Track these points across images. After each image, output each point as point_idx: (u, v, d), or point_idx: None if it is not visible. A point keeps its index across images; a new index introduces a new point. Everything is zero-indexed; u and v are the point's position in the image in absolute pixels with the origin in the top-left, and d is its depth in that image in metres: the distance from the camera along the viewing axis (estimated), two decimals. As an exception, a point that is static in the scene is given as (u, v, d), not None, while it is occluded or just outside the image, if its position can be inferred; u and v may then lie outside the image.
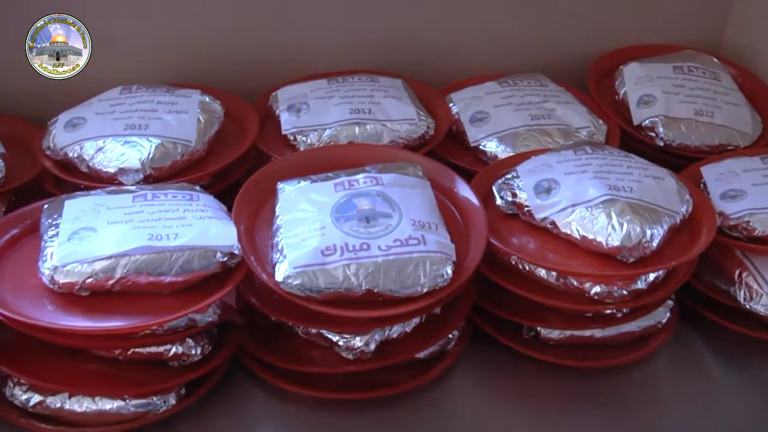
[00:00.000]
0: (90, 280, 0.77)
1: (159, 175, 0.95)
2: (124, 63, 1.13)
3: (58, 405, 0.78)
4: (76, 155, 0.97)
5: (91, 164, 0.96)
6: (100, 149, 0.96)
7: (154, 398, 0.80)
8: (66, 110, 1.02)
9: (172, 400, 0.81)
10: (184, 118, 1.00)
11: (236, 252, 0.80)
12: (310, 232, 0.81)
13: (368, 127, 1.03)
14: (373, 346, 0.83)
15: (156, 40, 1.14)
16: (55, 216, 0.83)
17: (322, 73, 1.14)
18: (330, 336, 0.83)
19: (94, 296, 0.79)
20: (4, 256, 0.84)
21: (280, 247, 0.81)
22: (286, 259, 0.79)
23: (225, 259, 0.80)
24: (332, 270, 0.78)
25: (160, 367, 0.81)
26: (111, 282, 0.78)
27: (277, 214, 0.85)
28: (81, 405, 0.78)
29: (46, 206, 0.86)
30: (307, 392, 0.84)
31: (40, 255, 0.80)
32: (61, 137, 0.98)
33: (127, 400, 0.79)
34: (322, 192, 0.86)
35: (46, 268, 0.78)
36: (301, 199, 0.86)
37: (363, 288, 0.78)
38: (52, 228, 0.82)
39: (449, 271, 0.80)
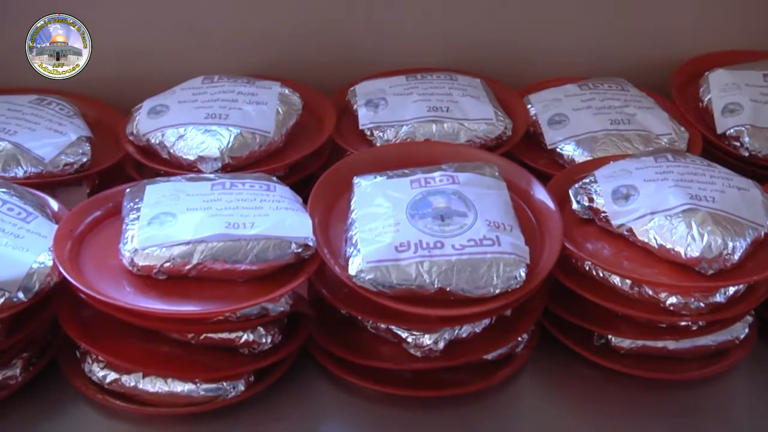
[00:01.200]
0: (168, 264, 0.79)
1: (237, 164, 0.97)
2: (208, 53, 1.16)
3: (133, 384, 0.80)
4: (157, 141, 0.99)
5: (171, 151, 0.98)
6: (180, 137, 0.98)
7: (224, 383, 0.81)
8: (150, 97, 1.05)
9: (241, 387, 0.82)
10: (264, 109, 1.01)
11: (311, 244, 0.81)
12: (385, 228, 0.81)
13: (445, 125, 1.03)
14: (441, 345, 0.82)
15: (239, 32, 1.16)
16: (137, 200, 0.85)
17: (400, 69, 1.14)
18: (399, 332, 0.83)
19: (170, 280, 0.80)
20: (87, 237, 0.86)
21: (354, 241, 0.81)
22: (360, 254, 0.79)
23: (299, 250, 0.81)
24: (405, 266, 0.78)
25: (231, 354, 0.83)
26: (188, 267, 0.79)
27: (352, 208, 0.86)
28: (154, 385, 0.80)
29: (128, 190, 0.88)
30: (374, 386, 0.84)
31: (121, 237, 0.82)
32: (144, 124, 1.01)
33: (198, 384, 0.80)
34: (398, 188, 0.86)
35: (126, 250, 0.80)
36: (376, 194, 0.86)
37: (435, 286, 0.78)
38: (134, 212, 0.84)
39: (522, 274, 0.80)
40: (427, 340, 0.82)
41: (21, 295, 0.78)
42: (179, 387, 0.80)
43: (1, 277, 0.77)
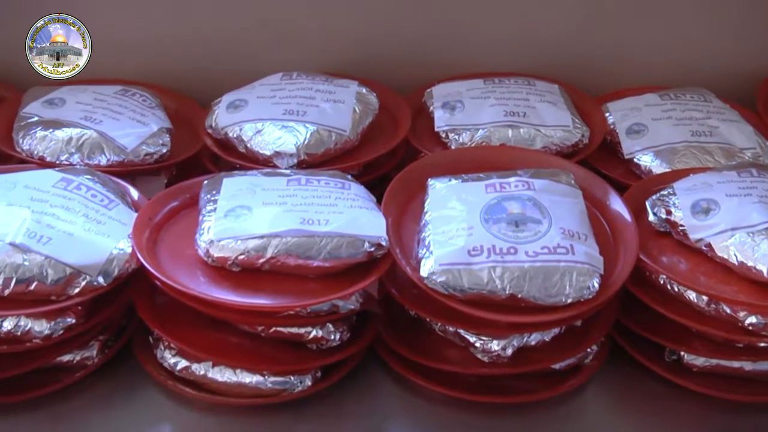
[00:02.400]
0: (242, 256, 0.80)
1: (312, 161, 0.98)
2: (287, 50, 1.17)
3: (202, 372, 0.82)
4: (235, 135, 1.01)
5: (248, 145, 0.99)
6: (258, 131, 0.99)
7: (292, 377, 0.82)
8: (229, 92, 1.07)
9: (308, 382, 0.82)
10: (341, 108, 1.02)
11: (384, 243, 0.81)
12: (458, 231, 0.81)
13: (522, 130, 1.02)
14: (509, 352, 0.82)
15: (319, 30, 1.17)
16: (214, 192, 0.87)
17: (478, 72, 1.14)
18: (467, 336, 0.83)
19: (243, 272, 0.82)
20: (164, 226, 0.88)
21: (426, 243, 0.81)
22: (432, 256, 0.79)
23: (372, 249, 0.81)
24: (477, 271, 0.78)
25: (299, 348, 0.83)
26: (261, 260, 0.80)
27: (425, 209, 0.86)
28: (223, 375, 0.81)
29: (205, 182, 0.90)
30: (438, 389, 0.84)
31: (197, 228, 0.84)
32: (223, 117, 1.02)
33: (266, 376, 0.81)
34: (473, 192, 0.86)
35: (202, 241, 0.82)
36: (450, 197, 0.86)
37: (507, 292, 0.77)
38: (211, 203, 0.85)
39: (596, 284, 0.79)
40: (495, 345, 0.82)
41: (101, 279, 0.80)
42: (247, 378, 0.81)
43: (83, 262, 0.79)
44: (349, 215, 0.83)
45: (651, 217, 0.91)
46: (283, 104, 1.02)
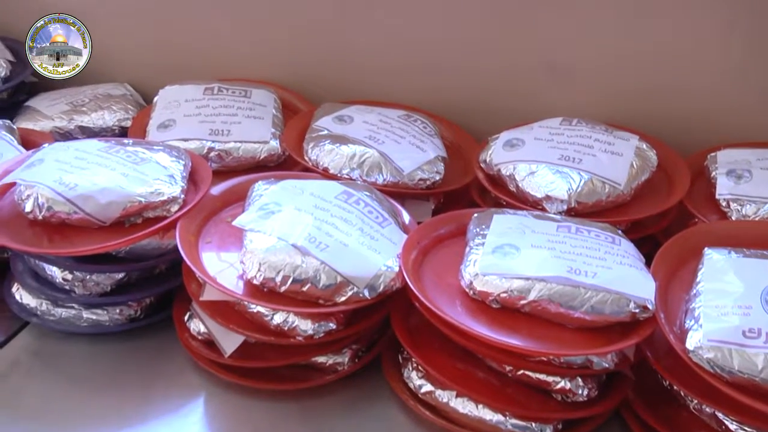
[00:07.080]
0: (504, 294, 0.81)
1: (581, 210, 0.97)
2: (570, 94, 1.16)
3: (445, 400, 0.83)
4: (508, 173, 1.02)
5: (520, 185, 1.00)
6: (532, 173, 1.00)
7: (533, 424, 0.81)
8: (507, 130, 1.08)
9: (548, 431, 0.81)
10: (618, 161, 1.00)
11: (650, 306, 0.79)
12: (734, 309, 0.76)
13: (817, 211, 0.95)
14: (772, 450, 0.76)
15: (604, 77, 1.15)
16: (483, 227, 0.88)
17: (769, 142, 1.07)
18: (727, 422, 0.77)
19: (501, 310, 0.82)
20: (430, 251, 0.91)
21: (696, 315, 0.77)
22: (701, 329, 0.75)
23: (637, 310, 0.79)
24: (752, 355, 0.73)
25: (543, 396, 0.82)
26: (522, 302, 0.80)
27: (698, 279, 0.82)
28: (464, 407, 0.82)
29: (476, 215, 0.92)
30: (682, 470, 0.80)
31: (463, 259, 0.86)
32: (498, 154, 1.04)
33: (507, 417, 0.81)
34: (755, 269, 0.81)
35: (467, 272, 0.84)
36: (728, 270, 0.81)
37: (783, 384, 0.72)
38: (479, 237, 0.87)
39: None
40: (758, 438, 0.76)
41: (366, 292, 0.84)
42: (488, 415, 0.81)
43: (353, 273, 0.84)
44: (617, 272, 0.81)
45: None
46: (560, 149, 1.02)
